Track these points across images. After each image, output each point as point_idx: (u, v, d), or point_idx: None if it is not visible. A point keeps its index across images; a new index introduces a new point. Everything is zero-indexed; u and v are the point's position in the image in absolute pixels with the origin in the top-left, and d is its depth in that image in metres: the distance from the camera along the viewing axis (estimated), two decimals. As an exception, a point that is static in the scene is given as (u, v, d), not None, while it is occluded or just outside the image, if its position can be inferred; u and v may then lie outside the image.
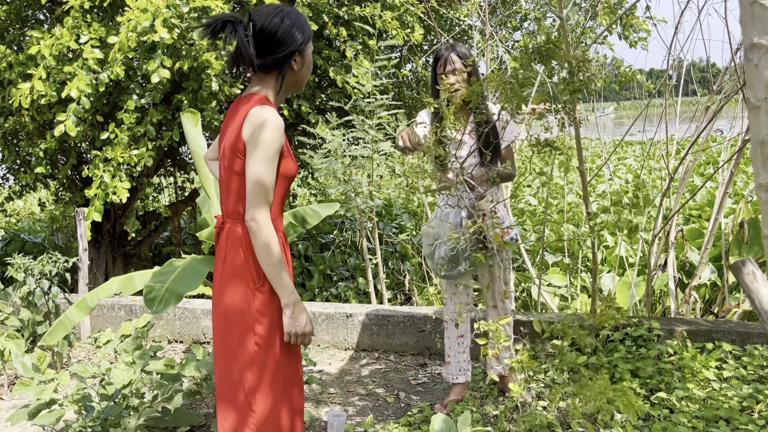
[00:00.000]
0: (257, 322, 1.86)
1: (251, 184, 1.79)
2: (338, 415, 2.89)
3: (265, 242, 1.79)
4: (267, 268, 1.82)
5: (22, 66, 4.20)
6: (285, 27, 1.84)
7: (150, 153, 4.19)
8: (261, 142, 1.78)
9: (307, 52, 1.93)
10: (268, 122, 1.79)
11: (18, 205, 10.83)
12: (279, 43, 1.84)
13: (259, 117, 1.80)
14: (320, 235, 7.39)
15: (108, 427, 2.58)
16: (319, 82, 5.63)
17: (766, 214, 1.34)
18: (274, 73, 1.90)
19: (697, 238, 5.45)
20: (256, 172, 1.79)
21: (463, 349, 3.17)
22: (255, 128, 1.79)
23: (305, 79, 1.99)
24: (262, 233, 1.79)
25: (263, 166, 1.79)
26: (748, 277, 1.27)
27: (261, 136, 1.78)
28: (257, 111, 1.81)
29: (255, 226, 1.79)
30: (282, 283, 1.83)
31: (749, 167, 9.80)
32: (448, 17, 5.78)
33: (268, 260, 1.80)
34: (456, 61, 2.90)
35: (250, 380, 1.87)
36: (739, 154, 3.79)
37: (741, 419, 2.63)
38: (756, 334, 3.39)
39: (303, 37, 1.88)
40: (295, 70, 1.92)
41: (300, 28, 1.87)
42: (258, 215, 1.79)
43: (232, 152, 1.85)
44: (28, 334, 3.87)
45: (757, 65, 1.27)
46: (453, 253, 2.83)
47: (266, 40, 1.84)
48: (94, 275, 5.40)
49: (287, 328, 1.85)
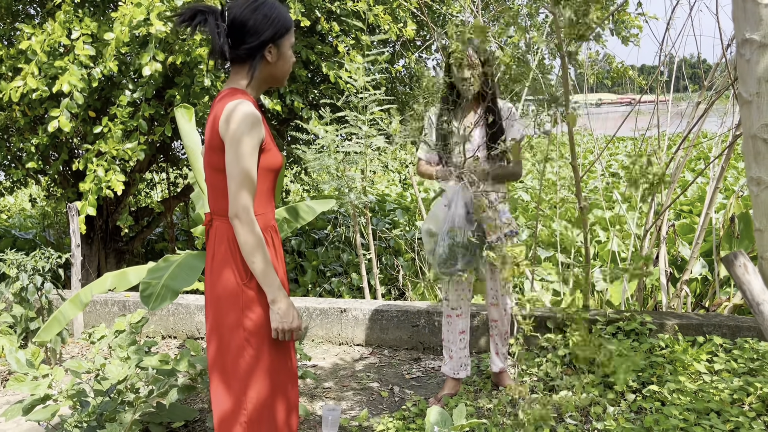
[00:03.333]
0: (246, 318, 1.86)
1: (231, 180, 1.77)
2: (333, 410, 2.90)
3: (248, 238, 1.78)
4: (252, 265, 1.81)
5: (12, 60, 4.18)
6: (257, 17, 1.80)
7: (142, 147, 4.17)
8: (237, 138, 1.75)
9: (284, 44, 1.87)
10: (242, 117, 1.76)
11: (9, 201, 10.76)
12: (249, 33, 1.80)
13: (234, 112, 1.76)
14: (313, 230, 7.40)
15: (103, 422, 2.58)
16: (312, 77, 5.62)
17: (757, 208, 1.36)
18: (248, 65, 1.86)
19: (688, 233, 5.50)
20: (235, 168, 1.76)
21: (464, 345, 3.19)
22: (230, 124, 1.76)
23: (284, 73, 1.93)
24: (245, 229, 1.78)
25: (241, 161, 1.76)
26: (739, 269, 1.28)
27: (236, 132, 1.75)
28: (231, 106, 1.78)
29: (238, 222, 1.78)
30: (267, 279, 1.82)
31: (739, 163, 9.87)
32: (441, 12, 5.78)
33: (252, 257, 1.80)
34: (473, 56, 2.88)
35: (241, 376, 1.87)
36: (730, 149, 3.82)
37: (732, 411, 2.66)
38: (746, 327, 3.43)
39: (277, 29, 1.83)
40: (270, 62, 1.86)
41: (274, 18, 1.82)
42: (240, 211, 1.77)
43: (212, 149, 1.83)
44: (20, 330, 3.86)
45: (749, 60, 1.29)
46: (450, 250, 2.84)
47: (238, 30, 1.80)
48: (87, 271, 5.38)
49: (274, 324, 1.84)
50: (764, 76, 1.27)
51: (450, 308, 3.17)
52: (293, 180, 7.85)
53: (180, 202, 6.37)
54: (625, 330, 3.45)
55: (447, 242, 2.84)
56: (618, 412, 2.84)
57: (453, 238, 2.81)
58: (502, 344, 3.22)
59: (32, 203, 7.63)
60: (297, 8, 4.19)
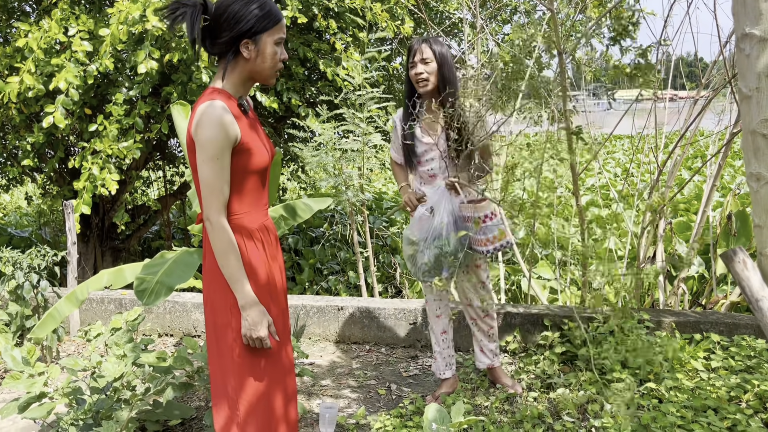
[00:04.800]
0: (233, 317, 1.85)
1: (201, 184, 1.76)
2: (330, 407, 2.90)
3: (216, 243, 1.77)
4: (222, 269, 1.79)
5: (8, 58, 4.16)
6: (232, 10, 1.74)
7: (138, 145, 4.16)
8: (203, 141, 1.72)
9: (264, 39, 1.78)
10: (206, 120, 1.71)
11: (4, 199, 10.73)
12: (223, 27, 1.75)
13: (201, 114, 1.73)
14: (310, 228, 7.39)
15: (100, 419, 2.57)
16: (310, 74, 5.61)
17: (757, 204, 1.36)
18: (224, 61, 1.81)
19: (684, 231, 5.50)
20: (203, 172, 1.74)
21: (447, 345, 3.18)
22: (197, 126, 1.73)
23: (268, 70, 1.84)
24: (214, 234, 1.76)
25: (208, 166, 1.73)
26: (738, 266, 1.28)
27: (203, 135, 1.72)
28: (201, 108, 1.74)
29: (209, 225, 1.77)
30: (237, 285, 1.80)
31: (736, 161, 9.88)
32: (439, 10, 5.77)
33: (221, 260, 1.78)
34: (426, 50, 2.80)
35: (234, 374, 1.87)
36: (727, 147, 3.82)
37: (729, 408, 2.66)
38: (743, 324, 3.43)
39: (254, 23, 1.75)
40: (247, 58, 1.79)
41: (251, 12, 1.74)
42: (211, 215, 1.76)
43: (190, 151, 1.81)
44: (15, 327, 3.84)
45: (749, 55, 1.28)
46: (436, 260, 2.81)
47: (216, 23, 1.76)
48: (83, 269, 5.36)
49: (243, 330, 1.82)
50: (764, 71, 1.26)
51: (431, 309, 3.16)
52: (290, 178, 7.84)
53: (176, 199, 6.35)
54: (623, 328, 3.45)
55: (434, 252, 2.80)
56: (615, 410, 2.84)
57: (441, 248, 2.77)
58: (488, 341, 3.20)
59: (28, 201, 7.62)
60: (294, 5, 4.17)
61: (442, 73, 2.81)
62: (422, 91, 2.85)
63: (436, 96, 2.87)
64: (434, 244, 2.79)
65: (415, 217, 2.91)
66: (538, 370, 3.37)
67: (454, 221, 2.81)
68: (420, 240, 2.82)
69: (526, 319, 3.74)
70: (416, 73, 2.81)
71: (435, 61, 2.80)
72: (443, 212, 2.80)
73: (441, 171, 2.92)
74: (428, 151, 2.92)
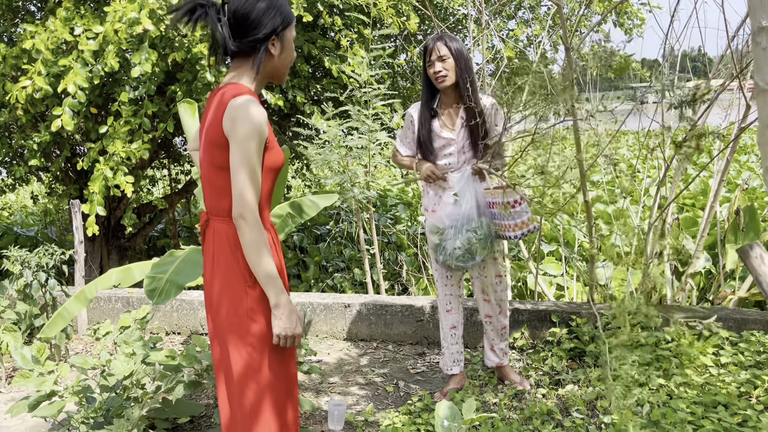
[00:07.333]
0: (252, 321, 1.79)
1: (236, 180, 1.70)
2: (338, 405, 2.90)
3: (253, 240, 1.71)
4: (256, 267, 1.73)
5: (15, 59, 4.15)
6: (260, 8, 1.74)
7: (146, 146, 4.16)
8: (243, 136, 1.68)
9: (287, 37, 1.82)
10: (251, 116, 1.69)
11: (10, 199, 10.76)
12: (253, 25, 1.74)
13: (239, 109, 1.69)
14: (315, 226, 7.39)
15: (110, 417, 2.57)
16: (314, 72, 5.60)
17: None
18: (251, 59, 1.80)
19: (691, 226, 5.49)
20: (242, 168, 1.69)
21: (455, 340, 3.18)
22: (236, 122, 1.69)
23: (286, 68, 1.87)
24: (251, 231, 1.71)
25: (247, 161, 1.69)
26: (755, 261, 1.27)
27: (242, 130, 1.68)
28: (237, 103, 1.70)
29: (243, 222, 1.71)
30: (271, 282, 1.74)
31: (742, 156, 9.86)
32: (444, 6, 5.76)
33: (257, 258, 1.72)
34: (442, 48, 2.84)
35: (245, 380, 1.81)
36: (735, 142, 3.80)
37: (739, 404, 2.66)
38: (752, 320, 3.42)
39: (280, 20, 1.78)
40: (273, 55, 1.81)
41: (277, 10, 1.77)
42: (245, 211, 1.70)
43: (213, 146, 1.76)
44: (25, 326, 3.85)
45: (766, 48, 1.27)
46: (469, 245, 2.83)
47: (240, 22, 1.74)
48: (90, 268, 5.37)
49: (276, 330, 1.77)
50: (781, 65, 1.25)
51: (441, 303, 3.17)
52: (295, 176, 7.83)
53: (182, 198, 6.35)
54: (631, 324, 3.44)
55: (466, 236, 2.81)
56: (625, 406, 2.83)
57: (475, 231, 2.80)
58: (499, 340, 3.20)
59: (34, 200, 7.62)
60: (299, 2, 4.17)
61: (459, 68, 2.85)
62: (441, 86, 2.90)
63: (455, 91, 2.92)
64: (466, 227, 2.81)
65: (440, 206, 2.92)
66: (546, 367, 3.37)
67: (478, 205, 2.85)
68: (449, 227, 2.84)
69: (533, 316, 3.73)
70: (435, 71, 2.86)
71: (452, 57, 2.85)
72: (469, 197, 2.84)
73: (458, 165, 2.95)
74: (446, 146, 2.96)
